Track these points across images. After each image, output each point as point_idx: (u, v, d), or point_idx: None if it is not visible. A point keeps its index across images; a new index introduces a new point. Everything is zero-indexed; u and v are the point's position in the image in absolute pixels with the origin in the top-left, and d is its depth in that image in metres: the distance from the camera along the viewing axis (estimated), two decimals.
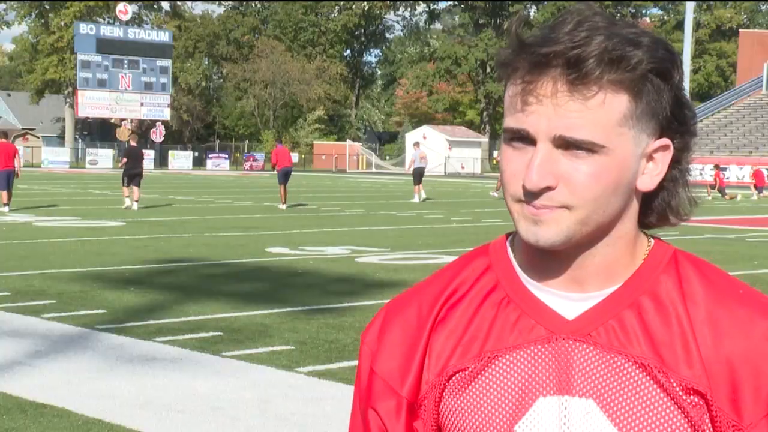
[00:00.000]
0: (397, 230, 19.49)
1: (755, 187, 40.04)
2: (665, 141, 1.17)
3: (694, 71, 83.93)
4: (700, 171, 48.51)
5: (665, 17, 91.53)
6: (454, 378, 1.22)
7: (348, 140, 79.42)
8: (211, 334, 8.42)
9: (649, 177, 1.17)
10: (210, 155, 69.45)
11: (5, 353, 7.55)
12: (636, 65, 1.11)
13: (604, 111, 1.11)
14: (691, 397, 1.15)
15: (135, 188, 23.79)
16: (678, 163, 1.20)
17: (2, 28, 76.70)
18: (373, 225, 20.68)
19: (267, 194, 33.03)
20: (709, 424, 1.15)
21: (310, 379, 6.96)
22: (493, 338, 1.21)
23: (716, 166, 41.16)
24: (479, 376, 1.20)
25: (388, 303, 1.31)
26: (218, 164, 67.78)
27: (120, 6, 68.37)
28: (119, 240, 16.27)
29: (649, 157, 1.17)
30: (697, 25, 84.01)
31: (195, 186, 39.55)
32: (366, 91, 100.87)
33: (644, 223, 1.23)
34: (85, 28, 66.18)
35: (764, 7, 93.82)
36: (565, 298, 1.20)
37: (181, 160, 67.51)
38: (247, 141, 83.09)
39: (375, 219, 22.47)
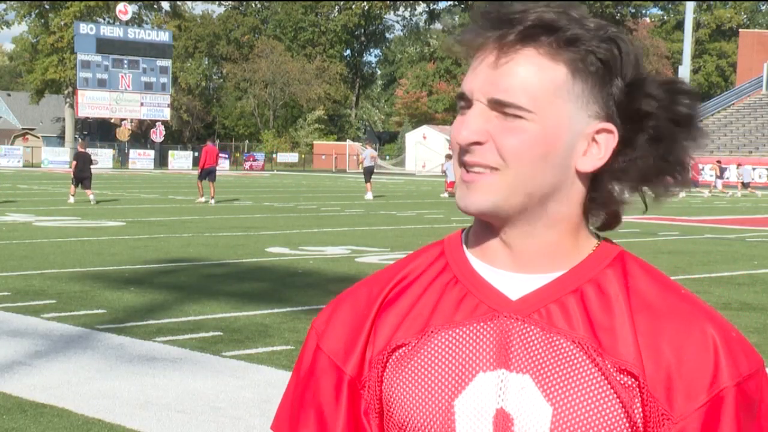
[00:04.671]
0: (397, 230, 19.49)
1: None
2: (608, 125, 1.17)
3: (694, 71, 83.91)
4: (701, 171, 48.55)
5: (665, 17, 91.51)
6: (396, 353, 1.22)
7: (348, 140, 79.42)
8: (211, 334, 8.42)
9: (590, 159, 1.18)
10: None
11: (5, 353, 7.55)
12: (574, 41, 1.14)
13: (537, 78, 1.14)
14: (624, 378, 1.15)
15: (87, 191, 25.78)
16: (620, 156, 1.19)
17: (2, 28, 76.72)
18: (373, 225, 20.67)
19: (267, 194, 33.04)
20: (640, 409, 1.15)
21: None
22: (437, 315, 1.22)
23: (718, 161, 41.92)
24: (420, 351, 1.21)
25: (341, 293, 1.32)
26: (218, 164, 67.71)
27: (120, 6, 68.35)
28: (119, 240, 16.27)
29: (593, 139, 1.18)
30: (697, 25, 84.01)
31: (195, 186, 39.50)
32: (366, 91, 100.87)
33: (598, 223, 1.25)
34: (85, 28, 66.16)
35: (764, 7, 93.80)
36: (511, 278, 1.21)
37: (181, 160, 67.50)
38: (247, 141, 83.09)
39: (375, 219, 22.47)
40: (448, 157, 35.86)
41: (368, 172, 31.84)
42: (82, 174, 25.77)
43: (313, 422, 1.26)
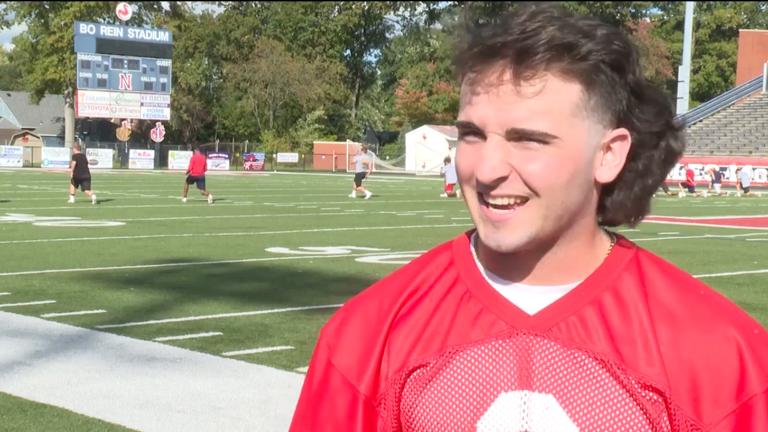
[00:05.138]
0: (397, 230, 19.49)
1: (683, 185, 40.88)
2: (622, 131, 1.15)
3: (694, 71, 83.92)
4: (700, 171, 48.57)
5: (665, 17, 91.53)
6: (414, 374, 1.20)
7: (348, 140, 79.43)
8: (211, 334, 8.42)
9: (608, 168, 1.16)
10: (210, 155, 69.41)
11: (5, 353, 7.55)
12: (586, 55, 1.11)
13: (555, 101, 1.10)
14: (650, 393, 1.14)
15: (88, 191, 26.15)
16: (635, 159, 1.18)
17: (2, 28, 76.73)
18: (373, 225, 20.68)
19: (267, 194, 33.06)
20: (667, 422, 1.14)
21: None
22: (454, 333, 1.20)
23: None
24: (440, 372, 1.19)
25: (351, 299, 1.30)
26: (218, 164, 67.77)
27: (120, 6, 68.36)
28: (119, 240, 16.27)
29: (607, 148, 1.16)
30: (697, 25, 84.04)
31: (195, 186, 39.50)
32: (366, 91, 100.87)
33: (607, 219, 1.22)
34: (85, 28, 66.16)
35: (764, 7, 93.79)
36: (527, 292, 1.19)
37: (181, 160, 67.36)
38: (247, 141, 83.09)
39: (375, 219, 22.47)
40: (447, 160, 36.37)
41: (359, 177, 31.92)
42: (82, 175, 26.09)
43: None
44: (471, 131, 1.14)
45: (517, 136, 1.11)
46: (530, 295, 1.19)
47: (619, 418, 1.13)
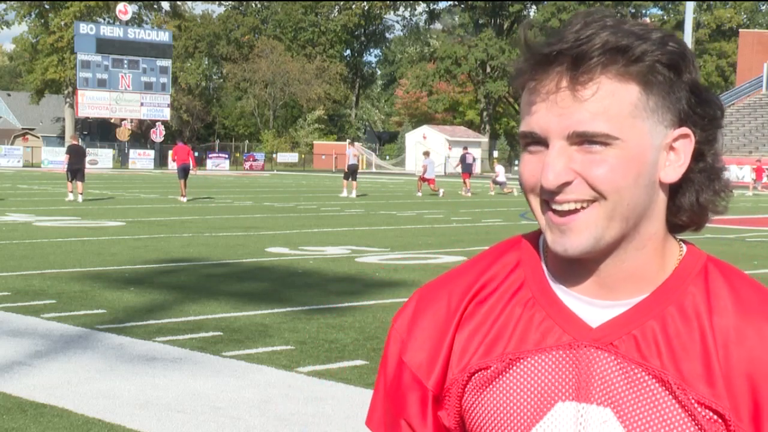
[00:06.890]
0: (397, 230, 19.49)
1: None
2: (685, 130, 1.16)
3: None
4: None
5: (665, 17, 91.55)
6: (476, 375, 1.22)
7: (348, 140, 79.35)
8: (211, 334, 8.42)
9: (673, 168, 1.16)
10: (210, 155, 69.47)
11: (5, 353, 7.55)
12: (641, 56, 1.11)
13: (613, 103, 1.11)
14: (709, 413, 1.13)
15: (78, 183, 26.38)
16: (702, 157, 1.18)
17: (2, 28, 76.72)
18: (373, 225, 20.68)
19: (267, 194, 33.05)
20: None
21: (310, 379, 6.96)
22: (516, 339, 1.21)
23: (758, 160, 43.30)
24: (500, 376, 1.21)
25: (421, 290, 1.31)
26: (218, 164, 67.77)
27: (120, 6, 68.34)
28: (119, 240, 16.27)
29: (670, 148, 1.16)
30: (697, 25, 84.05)
31: (195, 186, 39.51)
32: (366, 91, 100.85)
33: (676, 225, 1.21)
34: (84, 28, 66.14)
35: (764, 7, 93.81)
36: (591, 305, 1.19)
37: None
38: (247, 141, 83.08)
39: (375, 219, 22.47)
40: (426, 153, 37.31)
41: (351, 171, 32.00)
42: (75, 166, 26.35)
43: None
44: (533, 141, 1.14)
45: (579, 140, 1.11)
46: (596, 309, 1.19)
47: None
